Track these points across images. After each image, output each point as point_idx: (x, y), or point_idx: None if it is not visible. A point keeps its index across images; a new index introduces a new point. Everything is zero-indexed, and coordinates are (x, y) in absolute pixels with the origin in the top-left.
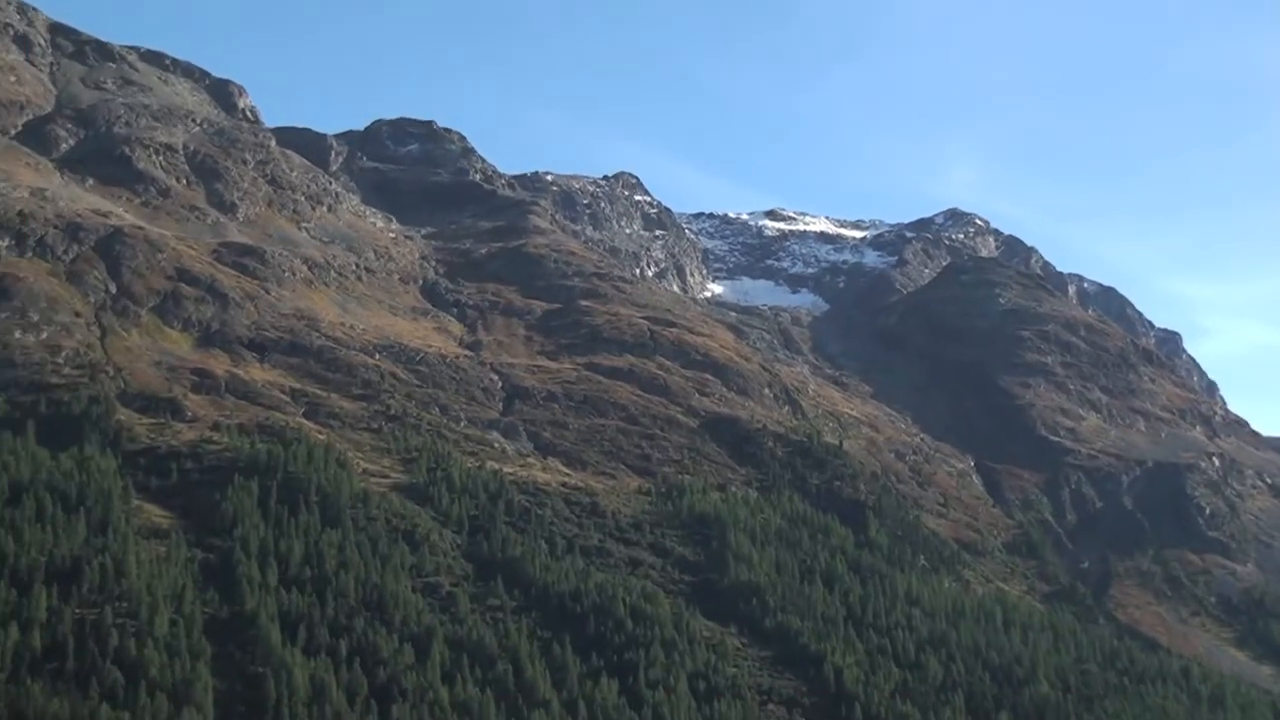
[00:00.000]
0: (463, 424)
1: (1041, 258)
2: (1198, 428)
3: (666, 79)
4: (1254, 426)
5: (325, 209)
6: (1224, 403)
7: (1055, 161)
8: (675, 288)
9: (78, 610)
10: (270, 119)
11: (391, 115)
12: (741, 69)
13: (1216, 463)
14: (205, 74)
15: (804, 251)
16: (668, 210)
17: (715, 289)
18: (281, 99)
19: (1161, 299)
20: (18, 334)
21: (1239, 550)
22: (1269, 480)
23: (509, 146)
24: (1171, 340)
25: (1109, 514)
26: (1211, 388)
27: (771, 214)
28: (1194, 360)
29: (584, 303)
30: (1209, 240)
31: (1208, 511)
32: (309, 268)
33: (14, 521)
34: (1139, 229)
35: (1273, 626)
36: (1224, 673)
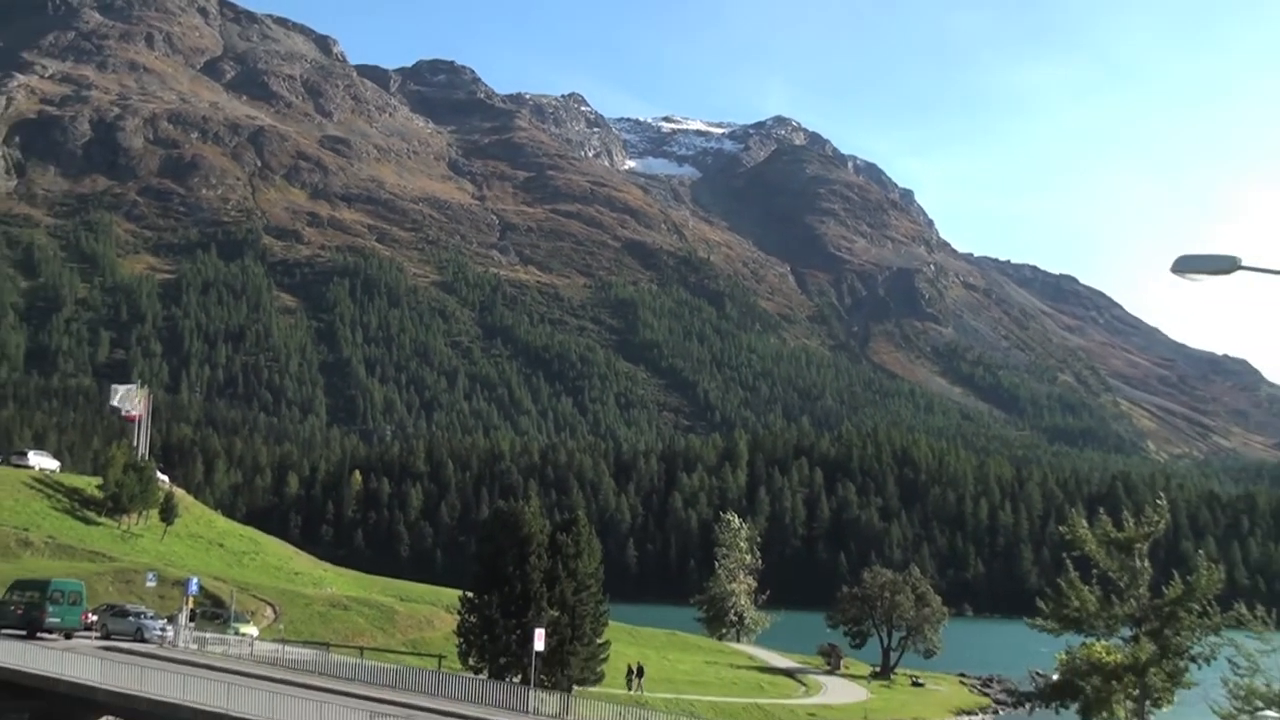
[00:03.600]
0: (474, 245)
1: (832, 145)
2: (922, 247)
3: (603, 32)
4: (955, 247)
5: (388, 115)
6: (938, 233)
7: (839, 84)
8: (606, 164)
9: (243, 357)
10: (353, 59)
11: (429, 57)
12: (649, 25)
13: (932, 268)
14: (313, 30)
15: (687, 142)
16: (601, 116)
17: (631, 164)
18: (362, 45)
19: (902, 171)
20: (204, 191)
21: (944, 319)
22: (961, 279)
23: (503, 76)
24: (908, 195)
25: (870, 299)
26: (930, 223)
27: (666, 119)
28: (921, 207)
29: (550, 172)
30: (929, 136)
31: (926, 297)
32: (378, 150)
33: (204, 304)
34: (890, 127)
35: (961, 365)
36: (934, 392)
